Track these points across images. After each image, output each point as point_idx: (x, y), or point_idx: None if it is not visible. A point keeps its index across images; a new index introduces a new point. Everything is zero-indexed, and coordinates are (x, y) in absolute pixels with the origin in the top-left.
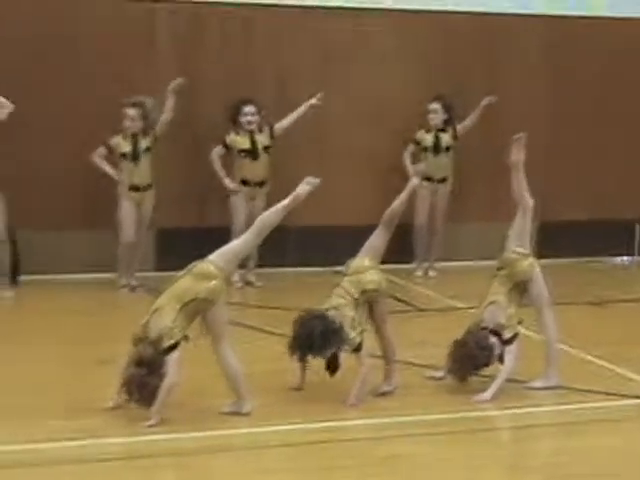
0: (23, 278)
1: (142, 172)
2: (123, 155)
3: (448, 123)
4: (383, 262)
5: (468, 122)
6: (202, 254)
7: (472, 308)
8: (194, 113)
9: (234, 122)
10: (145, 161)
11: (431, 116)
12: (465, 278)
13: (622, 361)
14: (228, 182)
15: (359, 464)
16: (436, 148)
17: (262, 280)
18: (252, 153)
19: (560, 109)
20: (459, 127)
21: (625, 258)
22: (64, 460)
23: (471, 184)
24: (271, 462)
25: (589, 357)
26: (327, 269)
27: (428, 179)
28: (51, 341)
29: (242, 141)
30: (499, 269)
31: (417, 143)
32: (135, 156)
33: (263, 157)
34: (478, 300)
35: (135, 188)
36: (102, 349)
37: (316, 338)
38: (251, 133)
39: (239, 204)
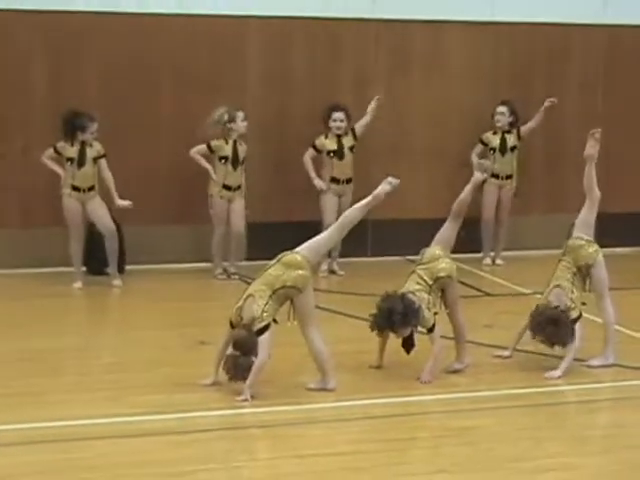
0: (129, 268)
1: (237, 175)
2: (224, 158)
3: (513, 125)
4: (455, 252)
5: (532, 123)
6: (288, 246)
7: (537, 293)
8: (282, 116)
9: (326, 125)
10: (240, 166)
11: (498, 118)
12: (529, 266)
13: None
14: (318, 182)
15: (434, 435)
16: (502, 148)
17: (344, 269)
18: (338, 153)
19: (614, 111)
20: (523, 128)
21: None
22: (168, 431)
23: (533, 180)
24: (355, 433)
25: None
26: (403, 258)
27: (495, 176)
28: (156, 325)
29: (330, 143)
30: (564, 254)
31: (484, 144)
32: (234, 161)
33: (348, 157)
34: (542, 286)
35: (227, 188)
36: (202, 331)
37: (397, 315)
38: (338, 137)
39: (329, 202)
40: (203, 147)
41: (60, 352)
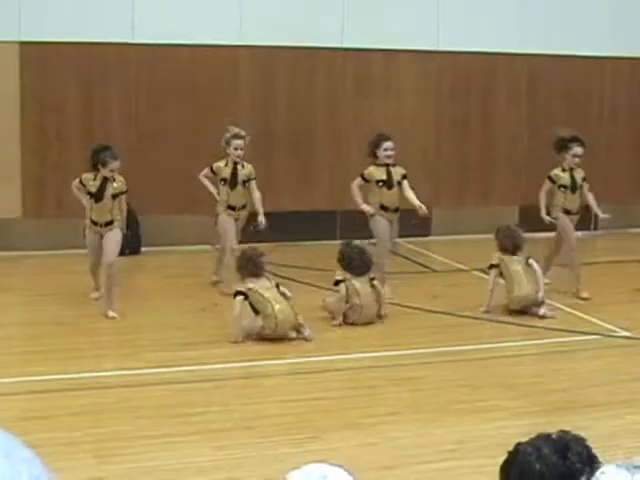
0: (145, 249)
1: (236, 195)
2: (224, 180)
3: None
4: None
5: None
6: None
7: (474, 270)
8: (267, 131)
9: (374, 155)
10: (241, 187)
11: (576, 160)
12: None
13: (586, 308)
14: (366, 207)
15: (390, 383)
16: (573, 185)
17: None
18: (387, 183)
19: (535, 120)
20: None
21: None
22: (176, 381)
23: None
24: (325, 382)
25: (562, 306)
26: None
27: (567, 212)
28: (167, 295)
29: (379, 173)
30: None
31: (553, 181)
32: (232, 183)
33: (396, 188)
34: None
35: (232, 208)
36: (203, 300)
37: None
38: (387, 166)
39: (379, 223)
40: (207, 170)
41: (87, 318)
